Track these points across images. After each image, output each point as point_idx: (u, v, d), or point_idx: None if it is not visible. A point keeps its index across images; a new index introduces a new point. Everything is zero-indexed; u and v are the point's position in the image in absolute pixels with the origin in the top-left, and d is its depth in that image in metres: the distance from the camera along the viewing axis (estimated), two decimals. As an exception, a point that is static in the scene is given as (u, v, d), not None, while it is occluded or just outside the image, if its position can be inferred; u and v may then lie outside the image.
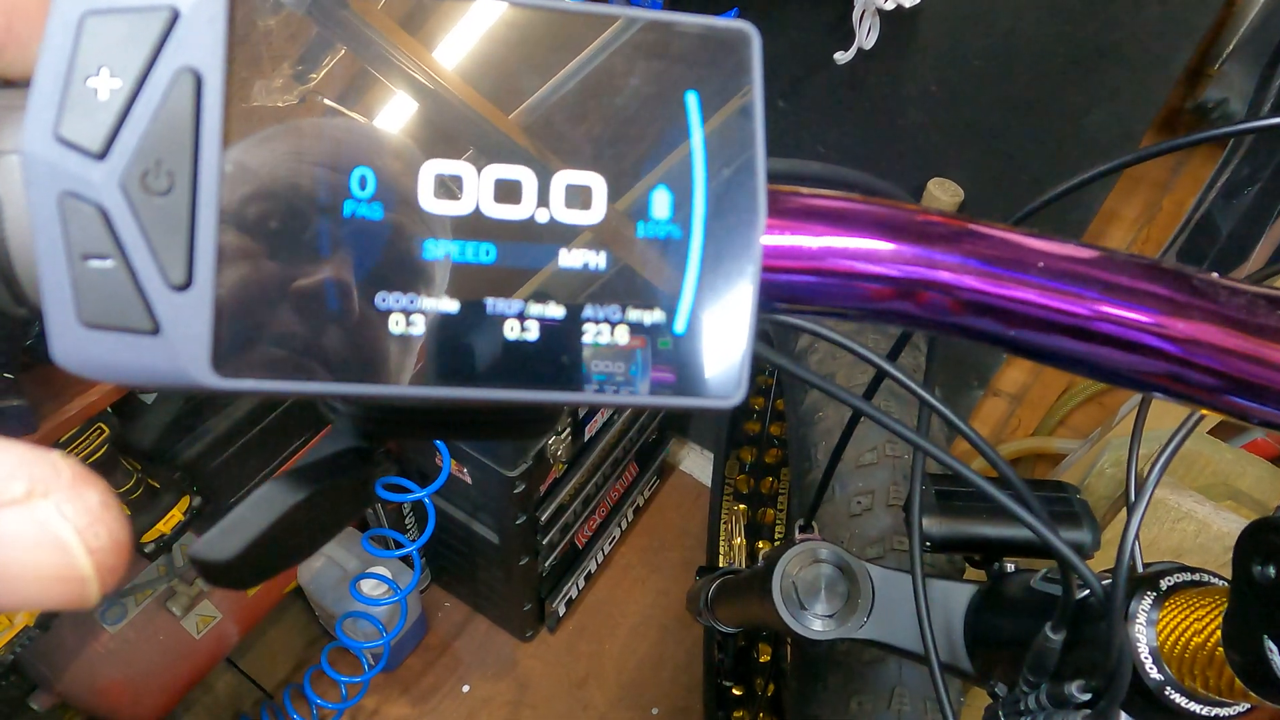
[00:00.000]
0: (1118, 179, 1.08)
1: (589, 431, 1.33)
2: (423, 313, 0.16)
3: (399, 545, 1.36)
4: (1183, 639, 0.34)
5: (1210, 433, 1.14)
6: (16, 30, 0.16)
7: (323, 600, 1.36)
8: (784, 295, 0.21)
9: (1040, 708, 0.38)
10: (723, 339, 0.17)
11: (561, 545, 1.45)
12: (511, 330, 0.16)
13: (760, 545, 1.29)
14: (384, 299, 0.15)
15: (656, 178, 0.16)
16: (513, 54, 0.16)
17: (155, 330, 0.14)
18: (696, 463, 1.83)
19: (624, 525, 1.68)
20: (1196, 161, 1.11)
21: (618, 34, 0.17)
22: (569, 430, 1.25)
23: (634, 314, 0.16)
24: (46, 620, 1.00)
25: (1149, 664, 0.35)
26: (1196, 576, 0.37)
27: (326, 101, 0.16)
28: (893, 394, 0.83)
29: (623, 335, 0.16)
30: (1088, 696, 0.36)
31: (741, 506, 1.35)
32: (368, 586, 1.32)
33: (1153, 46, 0.89)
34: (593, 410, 1.31)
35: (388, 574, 1.33)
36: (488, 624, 1.58)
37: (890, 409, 0.82)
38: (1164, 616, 0.36)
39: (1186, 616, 0.35)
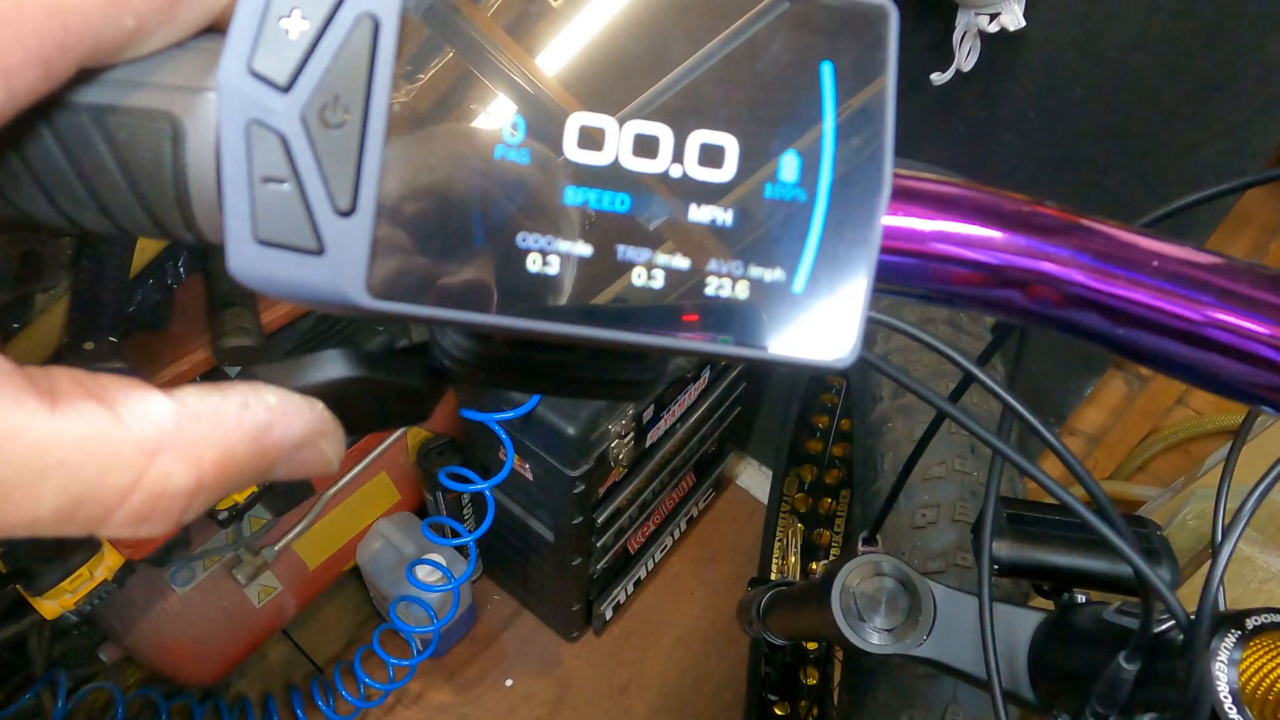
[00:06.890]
0: (1224, 217, 1.04)
1: (651, 437, 1.34)
2: (559, 254, 0.17)
3: (456, 535, 1.39)
4: (1267, 681, 0.33)
5: (1302, 490, 1.09)
6: None
7: (379, 582, 1.39)
8: (887, 276, 0.22)
9: (1109, 739, 0.37)
10: (839, 302, 0.17)
11: (614, 549, 1.46)
12: (639, 277, 0.17)
13: (814, 566, 1.28)
14: (524, 239, 0.16)
15: (788, 143, 0.17)
16: (666, 20, 0.17)
17: (320, 251, 0.16)
18: (753, 478, 1.82)
19: (676, 535, 1.68)
20: (1307, 206, 1.06)
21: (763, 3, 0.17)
22: (632, 434, 1.26)
23: (755, 270, 0.17)
24: (123, 575, 1.04)
25: (1228, 704, 0.34)
26: (1286, 619, 0.36)
27: (485, 50, 0.17)
28: (967, 411, 0.81)
29: (743, 290, 0.17)
30: (1161, 731, 0.35)
31: (799, 525, 1.34)
32: (423, 572, 1.35)
33: (1274, 81, 0.86)
34: (657, 414, 1.32)
35: (443, 562, 1.36)
36: (535, 621, 1.60)
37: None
38: (1247, 657, 0.34)
39: (1273, 658, 0.34)
